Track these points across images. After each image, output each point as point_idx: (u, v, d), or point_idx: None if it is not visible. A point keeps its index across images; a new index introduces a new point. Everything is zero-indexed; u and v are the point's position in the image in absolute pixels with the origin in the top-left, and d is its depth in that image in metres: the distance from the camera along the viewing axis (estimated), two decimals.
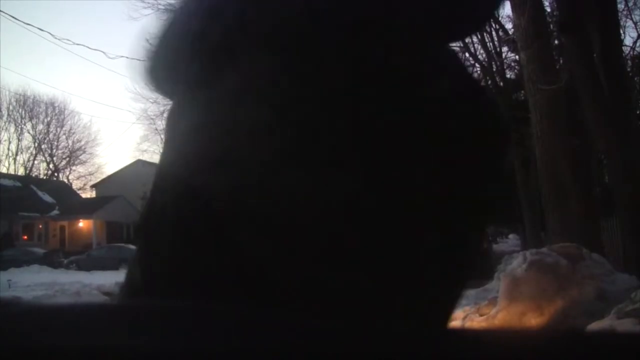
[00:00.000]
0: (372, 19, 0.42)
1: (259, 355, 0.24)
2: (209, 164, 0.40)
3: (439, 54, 0.44)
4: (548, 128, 7.51)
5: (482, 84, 0.56)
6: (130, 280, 0.45)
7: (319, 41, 0.40)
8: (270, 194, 0.38)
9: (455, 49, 0.48)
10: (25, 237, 28.67)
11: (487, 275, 6.43)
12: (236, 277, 0.38)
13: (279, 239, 0.38)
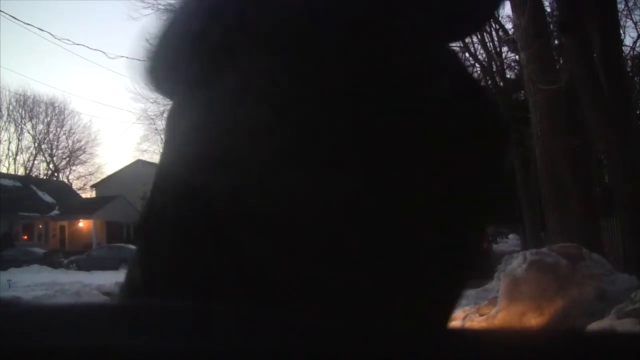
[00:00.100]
0: (372, 19, 0.42)
1: (259, 355, 0.24)
2: (209, 164, 0.40)
3: (439, 53, 0.44)
4: (548, 128, 7.51)
5: (482, 84, 0.56)
6: (130, 280, 0.45)
7: (319, 41, 0.40)
8: (270, 194, 0.38)
9: (455, 49, 0.48)
10: (25, 237, 28.68)
11: (487, 275, 6.42)
12: (236, 277, 0.38)
13: (279, 239, 0.38)
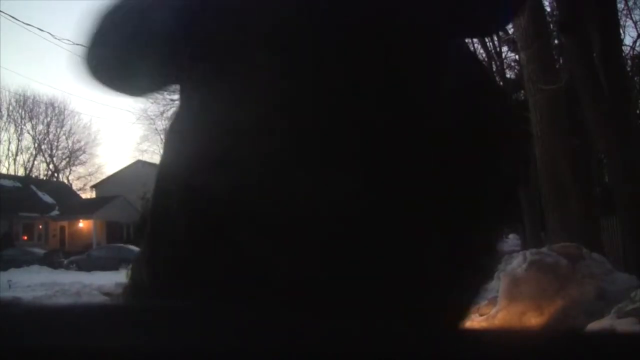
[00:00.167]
0: (372, 19, 0.42)
1: (259, 355, 0.24)
2: (209, 164, 0.40)
3: (440, 53, 0.44)
4: (548, 128, 7.51)
5: (492, 81, 0.55)
6: (134, 281, 0.45)
7: (319, 41, 0.40)
8: (270, 194, 0.38)
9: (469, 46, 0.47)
10: (25, 238, 28.67)
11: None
12: (236, 277, 0.38)
13: (279, 239, 0.38)
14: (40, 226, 29.80)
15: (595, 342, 0.26)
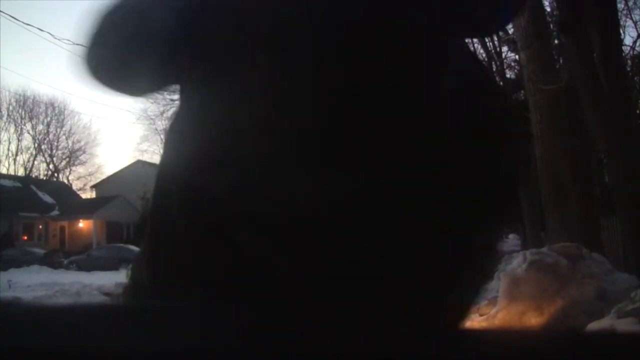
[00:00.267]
0: (372, 19, 0.42)
1: (259, 355, 0.24)
2: (209, 164, 0.40)
3: (440, 53, 0.44)
4: (548, 128, 7.52)
5: (492, 81, 0.54)
6: (134, 281, 0.45)
7: (319, 41, 0.40)
8: (270, 194, 0.38)
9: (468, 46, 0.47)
10: (25, 237, 28.68)
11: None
12: (236, 277, 0.38)
13: (279, 239, 0.38)
14: (40, 226, 29.81)
15: (595, 342, 0.26)
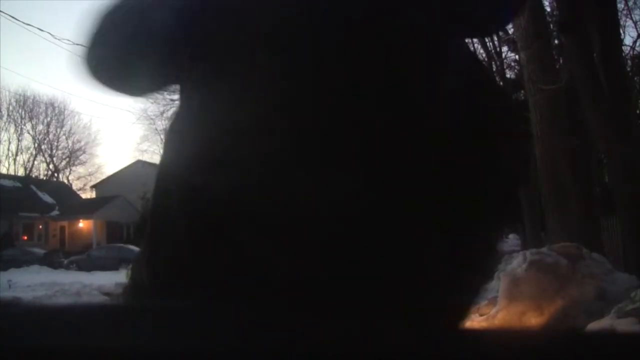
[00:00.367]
0: (372, 19, 0.42)
1: (259, 355, 0.24)
2: (209, 164, 0.40)
3: (440, 53, 0.44)
4: (548, 128, 7.52)
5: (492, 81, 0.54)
6: (134, 281, 0.45)
7: (319, 41, 0.40)
8: (270, 193, 0.38)
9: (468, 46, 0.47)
10: (25, 237, 28.69)
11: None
12: (236, 277, 0.38)
13: (279, 239, 0.38)
14: (40, 226, 29.82)
15: (595, 342, 0.26)
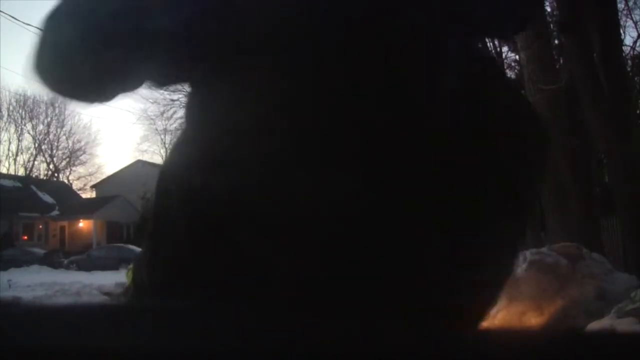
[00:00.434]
0: (372, 19, 0.42)
1: (259, 355, 0.24)
2: (209, 164, 0.40)
3: (441, 53, 0.44)
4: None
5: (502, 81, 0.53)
6: (135, 281, 0.45)
7: (319, 41, 0.40)
8: (270, 194, 0.38)
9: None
10: (25, 237, 28.69)
11: None
12: (236, 277, 0.38)
13: (279, 239, 0.38)
14: (40, 226, 29.83)
15: (595, 342, 0.26)
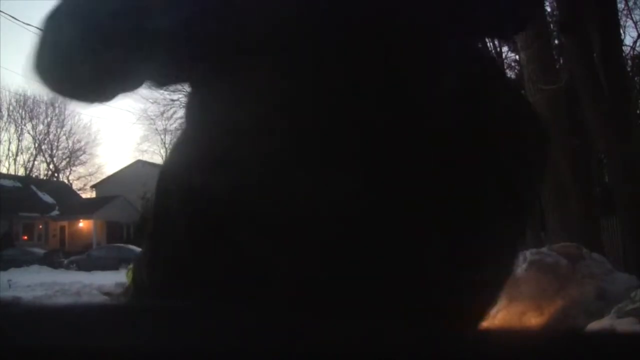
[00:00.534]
0: (372, 19, 0.42)
1: (259, 355, 0.24)
2: (209, 164, 0.40)
3: (441, 53, 0.44)
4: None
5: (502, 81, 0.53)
6: (135, 281, 0.45)
7: (319, 41, 0.40)
8: (270, 194, 0.38)
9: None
10: (25, 237, 28.70)
11: None
12: (236, 277, 0.38)
13: (279, 239, 0.38)
14: (40, 226, 29.84)
15: (595, 342, 0.26)
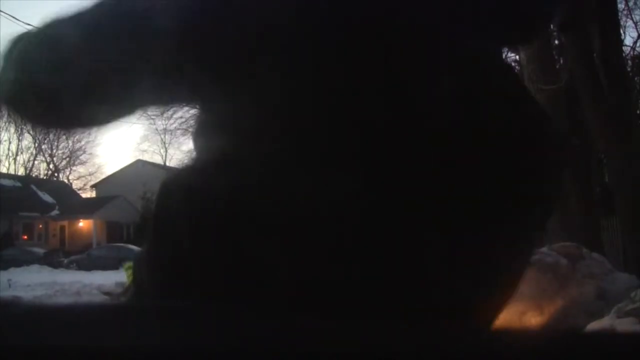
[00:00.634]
0: (372, 19, 0.42)
1: (259, 355, 0.24)
2: (209, 164, 0.40)
3: (441, 53, 0.44)
4: None
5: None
6: (135, 281, 0.45)
7: (319, 41, 0.40)
8: (270, 194, 0.38)
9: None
10: (25, 237, 28.70)
11: None
12: (236, 277, 0.38)
13: (280, 239, 0.38)
14: (40, 226, 29.83)
15: (595, 342, 0.26)
